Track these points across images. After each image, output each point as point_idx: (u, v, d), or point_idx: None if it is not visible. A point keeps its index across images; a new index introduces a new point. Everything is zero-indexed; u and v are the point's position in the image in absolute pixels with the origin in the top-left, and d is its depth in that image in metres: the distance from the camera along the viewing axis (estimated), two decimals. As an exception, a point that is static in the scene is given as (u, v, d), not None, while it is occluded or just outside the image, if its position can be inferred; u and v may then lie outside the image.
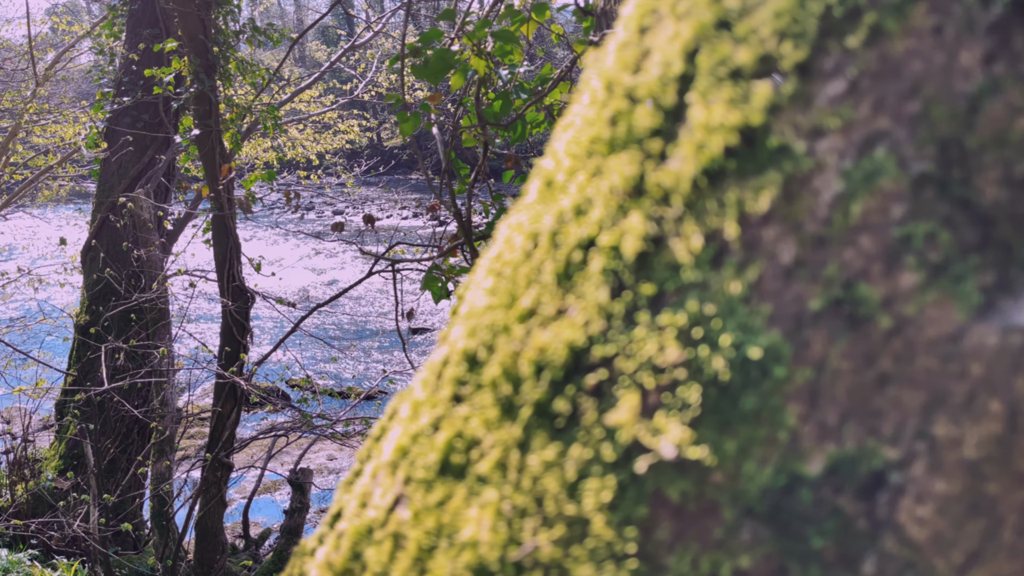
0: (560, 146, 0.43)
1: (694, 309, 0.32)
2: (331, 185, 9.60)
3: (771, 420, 0.30)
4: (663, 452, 0.31)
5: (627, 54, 0.39)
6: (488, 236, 2.15)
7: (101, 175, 6.62)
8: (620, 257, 0.35)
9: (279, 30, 6.05)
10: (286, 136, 8.18)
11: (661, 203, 0.34)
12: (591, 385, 0.34)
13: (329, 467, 9.48)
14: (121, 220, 5.14)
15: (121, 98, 6.28)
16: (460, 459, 0.39)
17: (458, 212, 2.11)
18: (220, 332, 4.70)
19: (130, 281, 5.24)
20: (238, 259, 4.61)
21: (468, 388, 0.40)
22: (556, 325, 0.37)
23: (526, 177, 2.34)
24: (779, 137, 0.31)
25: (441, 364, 0.44)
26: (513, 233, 0.43)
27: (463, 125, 2.11)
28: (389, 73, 8.80)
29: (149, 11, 6.55)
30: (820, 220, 0.30)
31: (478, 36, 1.93)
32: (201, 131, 4.47)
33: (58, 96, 8.68)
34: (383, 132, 27.93)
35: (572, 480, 0.34)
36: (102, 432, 5.28)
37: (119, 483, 5.46)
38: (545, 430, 0.35)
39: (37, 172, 7.70)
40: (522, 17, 2.03)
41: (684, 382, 0.31)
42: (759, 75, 0.32)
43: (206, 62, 4.47)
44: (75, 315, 6.55)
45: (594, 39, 1.75)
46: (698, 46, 0.35)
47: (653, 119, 0.36)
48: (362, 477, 0.51)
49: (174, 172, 6.64)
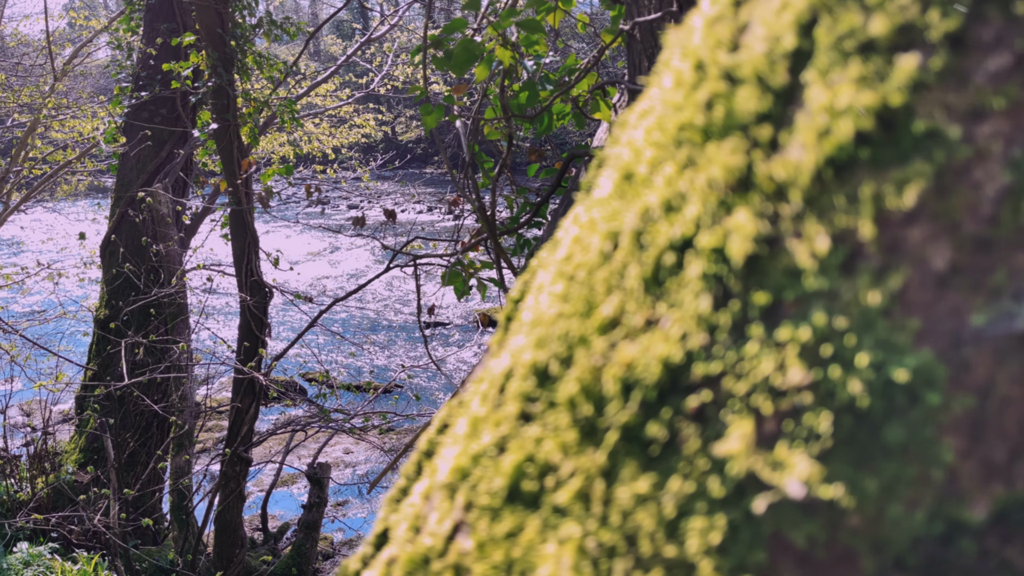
0: (638, 134, 0.38)
1: (821, 323, 0.27)
2: (347, 179, 9.59)
3: (923, 455, 0.25)
4: (788, 490, 0.26)
5: (720, 29, 0.35)
6: (513, 231, 2.11)
7: (119, 170, 6.63)
8: (725, 261, 0.30)
9: (295, 24, 6.03)
10: (302, 130, 8.17)
11: (774, 198, 0.29)
12: (692, 408, 0.30)
13: (346, 460, 9.50)
14: (140, 215, 5.14)
15: (139, 93, 6.28)
16: (532, 486, 0.35)
17: (481, 206, 2.06)
18: (238, 327, 4.69)
19: (149, 276, 5.24)
20: (256, 254, 4.60)
21: (539, 406, 0.36)
22: (646, 338, 0.32)
23: (551, 170, 2.29)
24: (927, 121, 0.26)
25: (504, 377, 0.40)
26: (585, 232, 0.39)
27: (486, 117, 2.07)
28: (409, 66, 8.77)
29: (166, 5, 6.54)
30: (983, 218, 0.25)
31: (503, 26, 1.88)
32: (219, 125, 4.45)
33: (76, 91, 8.72)
34: (398, 126, 27.96)
35: (671, 517, 0.29)
36: (122, 426, 5.30)
37: (139, 477, 5.48)
38: (636, 458, 0.31)
39: (56, 167, 7.74)
40: (548, 6, 1.98)
41: (811, 408, 0.27)
42: (898, 48, 0.27)
43: (224, 56, 4.45)
44: (94, 309, 6.58)
45: (624, 27, 1.69)
46: (815, 17, 0.30)
47: (760, 102, 0.31)
48: (411, 496, 0.47)
49: (192, 167, 6.64)
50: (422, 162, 28.90)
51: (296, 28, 6.03)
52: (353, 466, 9.44)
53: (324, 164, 9.00)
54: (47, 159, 8.01)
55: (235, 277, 4.66)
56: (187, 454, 5.17)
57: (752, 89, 0.32)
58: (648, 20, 1.63)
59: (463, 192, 2.16)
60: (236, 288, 4.59)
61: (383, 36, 7.71)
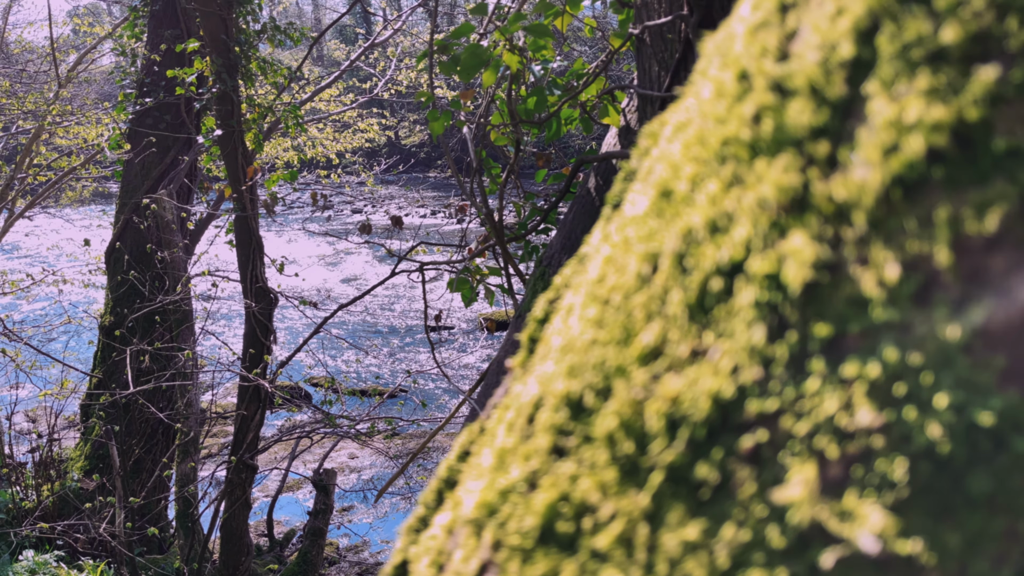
0: (675, 148, 0.36)
1: (893, 359, 0.25)
2: (352, 184, 9.59)
3: (1010, 507, 0.23)
4: (861, 544, 0.24)
5: (766, 37, 0.32)
6: (520, 237, 2.08)
7: (124, 176, 6.63)
8: (780, 288, 0.28)
9: (299, 29, 6.03)
10: (306, 135, 8.17)
11: (835, 221, 0.27)
12: (747, 449, 0.27)
13: (351, 466, 9.47)
14: (145, 222, 5.13)
15: (143, 99, 6.28)
16: (568, 527, 0.32)
17: (489, 212, 2.04)
18: (244, 334, 4.67)
19: (154, 283, 5.23)
20: (261, 260, 4.59)
21: (573, 440, 0.34)
22: (693, 370, 0.30)
23: (559, 176, 2.27)
24: (1008, 138, 0.24)
25: (532, 406, 0.37)
26: (619, 252, 0.36)
27: (493, 122, 2.05)
28: (412, 70, 8.76)
29: (170, 12, 6.55)
30: (1078, 246, 0.23)
31: (511, 31, 1.86)
32: (223, 131, 4.44)
33: (80, 97, 8.73)
34: (400, 130, 27.99)
35: (725, 568, 0.27)
36: (127, 433, 5.28)
37: (144, 484, 5.46)
38: (684, 501, 0.29)
39: (61, 174, 7.74)
40: (556, 10, 1.96)
41: (883, 453, 0.24)
42: (972, 59, 0.25)
43: (228, 62, 4.44)
44: (99, 315, 6.57)
45: (634, 31, 1.67)
46: (875, 23, 0.28)
47: (815, 116, 0.29)
48: (431, 528, 0.44)
49: (196, 172, 6.63)
50: (425, 166, 28.94)
51: (300, 33, 6.03)
52: (358, 471, 9.42)
53: (328, 169, 8.99)
54: (52, 166, 8.01)
55: (240, 283, 4.65)
56: (192, 461, 5.15)
57: (805, 101, 0.29)
58: (658, 24, 1.61)
59: (470, 198, 2.14)
60: (239, 293, 4.57)
61: (387, 41, 7.70)
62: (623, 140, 1.87)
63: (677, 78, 1.60)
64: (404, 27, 8.51)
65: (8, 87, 7.58)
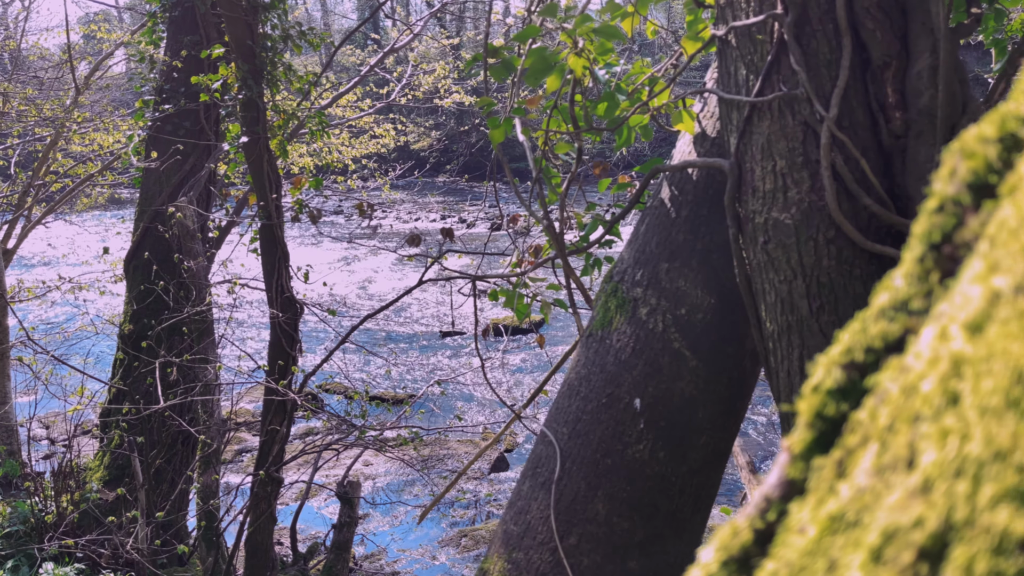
0: None
1: None
2: (367, 189, 9.52)
3: None
4: None
5: None
6: (582, 250, 1.99)
7: (143, 183, 6.56)
8: None
9: (319, 34, 5.96)
10: (322, 141, 8.11)
11: None
12: None
13: (365, 473, 9.38)
14: (169, 230, 5.06)
15: (163, 106, 6.21)
16: None
17: (550, 224, 1.95)
18: (268, 344, 4.59)
19: (178, 291, 5.16)
20: (286, 269, 4.50)
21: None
22: None
23: (623, 185, 2.18)
24: None
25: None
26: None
27: (552, 128, 1.95)
28: (429, 75, 8.69)
29: (189, 18, 6.48)
30: None
31: (579, 33, 1.77)
32: (249, 138, 4.37)
33: (95, 104, 8.69)
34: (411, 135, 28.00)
35: None
36: (148, 444, 5.20)
37: (165, 496, 5.38)
38: None
39: (78, 181, 7.69)
40: (622, 11, 1.87)
41: None
42: None
43: (254, 68, 4.37)
44: (117, 322, 6.50)
45: (717, 32, 1.58)
46: None
47: None
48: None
49: (215, 179, 6.57)
50: (435, 170, 28.96)
51: (319, 39, 5.96)
52: (373, 479, 9.33)
53: (343, 175, 8.94)
54: (68, 173, 7.97)
55: (265, 291, 4.56)
56: (215, 473, 5.07)
57: None
58: (747, 24, 1.51)
59: (528, 208, 2.04)
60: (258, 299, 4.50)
61: (405, 46, 7.64)
62: (699, 148, 1.77)
63: (769, 82, 1.50)
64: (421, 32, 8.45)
65: (28, 94, 7.53)
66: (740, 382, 1.69)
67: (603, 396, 1.65)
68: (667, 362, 1.63)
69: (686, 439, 1.62)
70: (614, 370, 1.66)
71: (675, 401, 1.62)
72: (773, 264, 1.47)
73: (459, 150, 29.96)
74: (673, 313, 1.65)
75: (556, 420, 1.72)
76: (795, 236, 1.43)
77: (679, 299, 1.66)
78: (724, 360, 1.68)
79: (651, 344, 1.65)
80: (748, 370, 1.71)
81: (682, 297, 1.66)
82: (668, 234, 1.71)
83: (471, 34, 21.08)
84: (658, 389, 1.63)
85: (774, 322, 1.48)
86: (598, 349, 1.71)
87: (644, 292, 1.68)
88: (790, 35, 1.45)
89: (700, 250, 1.67)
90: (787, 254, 1.44)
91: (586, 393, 1.68)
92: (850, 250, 1.39)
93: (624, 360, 1.66)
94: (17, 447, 7.01)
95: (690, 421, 1.62)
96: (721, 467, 1.71)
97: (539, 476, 1.66)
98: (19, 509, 5.66)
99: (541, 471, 1.66)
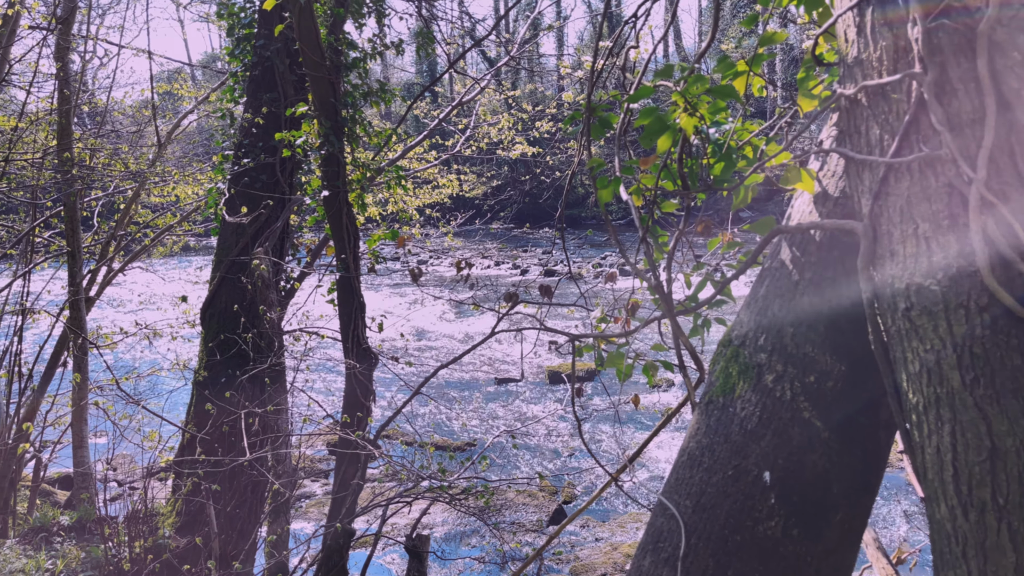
0: None
1: None
2: (431, 237, 9.67)
3: None
4: None
5: None
6: (691, 311, 1.93)
7: (220, 234, 6.78)
8: None
9: (392, 91, 6.13)
10: (398, 193, 8.29)
11: None
12: None
13: (422, 523, 9.29)
14: (250, 282, 5.18)
15: (242, 160, 6.44)
16: None
17: (658, 283, 1.91)
18: (344, 393, 4.62)
19: (257, 341, 5.26)
20: (363, 320, 4.55)
21: None
22: None
23: (733, 244, 2.13)
24: None
25: None
26: None
27: (664, 187, 1.93)
28: (493, 127, 8.84)
29: (268, 76, 6.75)
30: None
31: (693, 93, 1.75)
32: (330, 192, 4.47)
33: (177, 158, 9.09)
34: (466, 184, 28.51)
35: None
36: (224, 492, 5.25)
37: (233, 542, 5.39)
38: None
39: (158, 231, 8.00)
40: (735, 71, 1.85)
41: None
42: None
43: (336, 124, 4.50)
44: (189, 368, 6.65)
45: (846, 92, 1.54)
46: None
47: None
48: None
49: (289, 231, 6.74)
50: (490, 218, 29.37)
51: (392, 94, 6.13)
52: (430, 527, 9.23)
53: (409, 224, 9.08)
54: (149, 224, 8.30)
55: (341, 342, 4.61)
56: (286, 521, 5.07)
57: None
58: (881, 83, 1.47)
59: (632, 266, 2.01)
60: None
61: (472, 99, 7.80)
62: (821, 208, 1.72)
63: (907, 142, 1.45)
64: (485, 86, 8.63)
65: (116, 149, 7.92)
66: (875, 455, 1.60)
67: (729, 468, 1.57)
68: (797, 433, 1.55)
69: (820, 516, 1.53)
70: (740, 440, 1.59)
71: (807, 475, 1.54)
72: (917, 332, 1.39)
73: (513, 198, 30.30)
74: (801, 380, 1.58)
75: (677, 491, 1.65)
76: (943, 303, 1.36)
77: (807, 366, 1.59)
78: (857, 431, 1.59)
79: (779, 413, 1.57)
80: (883, 442, 1.62)
81: (810, 364, 1.58)
82: (792, 297, 1.65)
83: (532, 86, 21.45)
84: (789, 462, 1.54)
85: (918, 393, 1.39)
86: (720, 417, 1.64)
87: (769, 358, 1.62)
88: (930, 94, 1.40)
89: (827, 314, 1.61)
90: (934, 322, 1.37)
91: (709, 464, 1.60)
92: (1006, 319, 1.31)
93: (750, 430, 1.58)
94: (94, 491, 7.18)
95: (824, 497, 1.53)
96: (856, 546, 1.60)
97: (661, 551, 1.58)
98: (92, 554, 5.75)
99: (664, 546, 1.58)
